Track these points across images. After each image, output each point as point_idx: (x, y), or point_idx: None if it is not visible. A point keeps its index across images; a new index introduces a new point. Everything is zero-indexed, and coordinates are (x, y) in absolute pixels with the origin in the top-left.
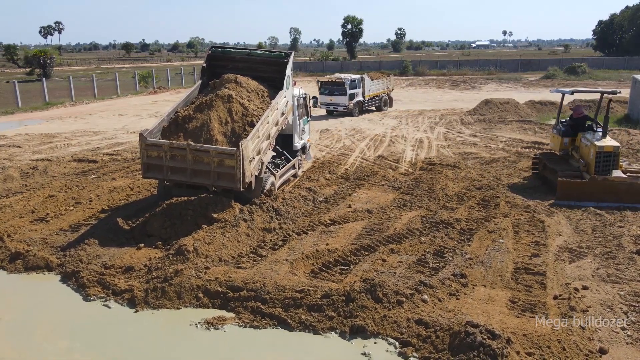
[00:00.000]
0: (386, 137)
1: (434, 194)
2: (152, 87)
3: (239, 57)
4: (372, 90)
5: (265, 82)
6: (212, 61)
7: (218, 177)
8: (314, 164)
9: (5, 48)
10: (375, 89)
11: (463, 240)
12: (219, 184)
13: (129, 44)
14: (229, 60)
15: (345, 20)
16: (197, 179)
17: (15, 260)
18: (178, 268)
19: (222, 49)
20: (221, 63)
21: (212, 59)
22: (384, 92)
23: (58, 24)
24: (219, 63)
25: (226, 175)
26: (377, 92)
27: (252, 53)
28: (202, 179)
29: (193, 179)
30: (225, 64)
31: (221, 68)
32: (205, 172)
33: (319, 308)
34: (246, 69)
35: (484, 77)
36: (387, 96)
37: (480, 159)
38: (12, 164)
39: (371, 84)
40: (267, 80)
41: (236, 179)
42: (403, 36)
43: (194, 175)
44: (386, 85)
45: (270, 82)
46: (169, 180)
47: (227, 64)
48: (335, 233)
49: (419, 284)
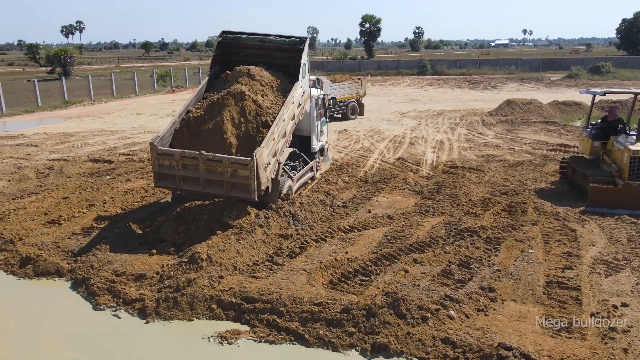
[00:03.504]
0: (406, 138)
1: (457, 199)
2: (170, 86)
3: (252, 44)
4: (333, 95)
5: (280, 70)
6: (224, 48)
7: (232, 187)
8: (332, 166)
9: (28, 47)
10: (339, 93)
11: (490, 249)
12: (232, 194)
13: (148, 43)
14: (241, 47)
15: (364, 19)
16: (211, 189)
17: (25, 265)
18: (191, 277)
19: (234, 35)
20: (233, 50)
21: (223, 45)
22: (352, 98)
23: (79, 24)
24: (230, 50)
25: (240, 186)
26: (342, 98)
27: (265, 39)
28: (215, 188)
29: (206, 189)
30: (237, 51)
31: (233, 55)
32: (219, 181)
33: (338, 323)
34: (259, 56)
35: (505, 77)
36: (357, 102)
37: (504, 162)
38: (29, 163)
39: (332, 87)
40: (282, 67)
41: (250, 189)
42: (421, 35)
43: (207, 184)
44: (355, 90)
45: (285, 69)
46: (181, 190)
47: (239, 51)
48: (354, 240)
49: (444, 298)
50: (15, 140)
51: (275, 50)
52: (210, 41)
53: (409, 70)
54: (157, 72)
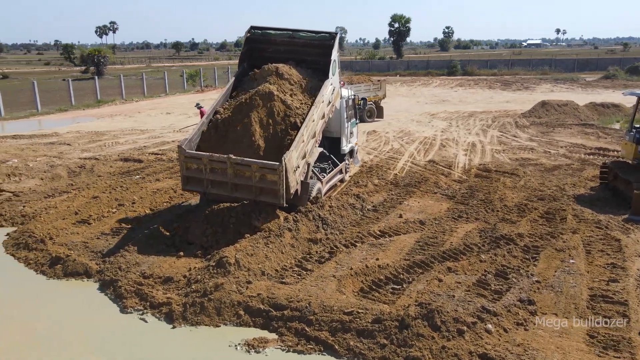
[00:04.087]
0: (436, 140)
1: (492, 205)
2: (199, 85)
3: (280, 40)
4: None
5: (309, 67)
6: (252, 44)
7: (260, 192)
8: (362, 169)
9: (64, 47)
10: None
11: (528, 259)
12: (260, 199)
13: (179, 43)
14: (270, 43)
15: (393, 18)
16: (239, 193)
17: (55, 265)
18: (218, 282)
19: (262, 31)
20: (261, 46)
21: (251, 41)
22: (369, 100)
23: (113, 24)
24: (259, 46)
25: (268, 190)
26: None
27: (294, 35)
28: (243, 193)
29: (234, 193)
30: (266, 47)
31: (261, 51)
32: (247, 186)
33: (369, 334)
34: (288, 52)
35: (538, 77)
36: (375, 105)
37: (540, 165)
38: (61, 162)
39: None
40: (311, 63)
41: (279, 195)
42: (451, 35)
43: (235, 189)
44: (373, 92)
45: (315, 65)
46: (209, 193)
47: (267, 47)
48: (385, 246)
49: (481, 310)
50: (49, 139)
51: (304, 46)
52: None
53: (439, 71)
54: (187, 71)
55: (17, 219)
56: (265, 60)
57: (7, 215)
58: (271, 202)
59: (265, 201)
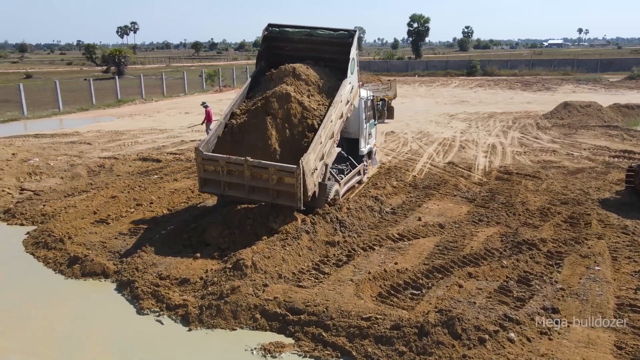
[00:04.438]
0: (455, 141)
1: (513, 208)
2: (218, 85)
3: (298, 38)
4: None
5: (327, 65)
6: (270, 42)
7: (277, 195)
8: (380, 170)
9: (86, 47)
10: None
11: (551, 265)
12: (278, 202)
13: (198, 43)
14: (288, 41)
15: (412, 18)
16: (256, 196)
17: (73, 265)
18: (235, 284)
19: (280, 29)
20: (279, 44)
21: (269, 39)
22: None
23: (133, 24)
24: (276, 44)
25: (286, 194)
26: None
27: (312, 32)
28: (260, 196)
29: (251, 196)
30: (284, 45)
31: (279, 49)
32: (264, 189)
33: (388, 340)
34: (306, 50)
35: (559, 78)
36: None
37: (563, 168)
38: (81, 161)
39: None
40: (330, 61)
41: (296, 198)
42: (470, 35)
43: (252, 191)
44: (382, 93)
45: (333, 63)
46: (226, 196)
47: (285, 45)
48: (404, 250)
49: (503, 318)
50: (69, 138)
51: (322, 44)
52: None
53: (458, 71)
54: (206, 71)
55: (37, 218)
56: (283, 59)
57: (28, 214)
58: (288, 205)
59: (282, 204)
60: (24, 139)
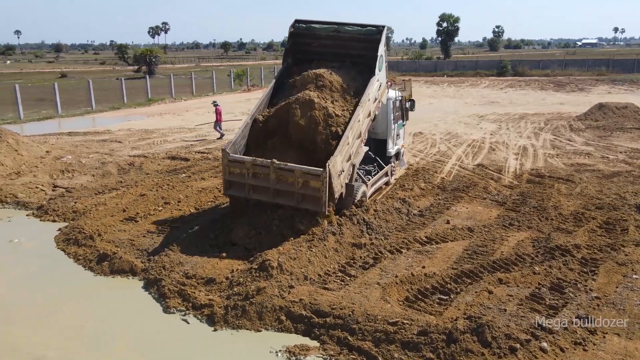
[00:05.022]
0: (485, 143)
1: (546, 213)
2: (246, 85)
3: (325, 34)
4: None
5: (354, 63)
6: (296, 38)
7: (302, 199)
8: (407, 171)
9: (118, 47)
10: None
11: (586, 272)
12: (302, 206)
13: (227, 43)
14: (314, 38)
15: (441, 18)
16: (280, 200)
17: (102, 262)
18: (260, 285)
19: (307, 25)
20: (306, 40)
21: (295, 36)
22: None
23: (165, 25)
24: (303, 40)
25: (311, 198)
26: None
27: (339, 29)
28: (285, 199)
29: (275, 199)
30: (310, 42)
31: (306, 46)
32: (289, 192)
33: (414, 346)
34: (333, 47)
35: (594, 79)
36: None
37: (598, 172)
38: (112, 159)
39: None
40: (357, 58)
41: (321, 202)
42: (501, 34)
43: (276, 195)
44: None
45: (361, 59)
46: (250, 199)
47: (312, 42)
48: (432, 254)
49: (535, 327)
50: (101, 136)
51: (350, 40)
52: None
53: (488, 71)
54: (235, 71)
55: (68, 215)
56: (310, 55)
57: (60, 211)
58: (313, 210)
59: (307, 208)
60: (57, 136)
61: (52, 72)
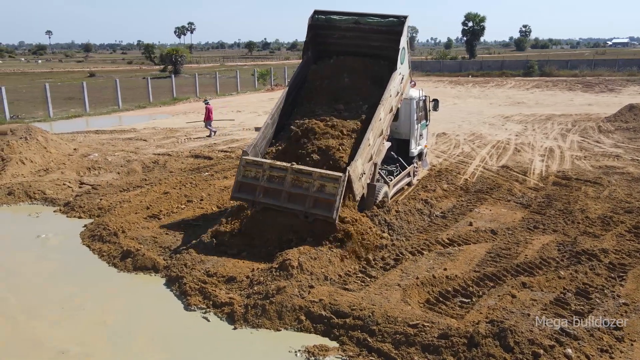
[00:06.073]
0: (510, 144)
1: (572, 216)
2: (269, 84)
3: (345, 26)
4: None
5: (376, 54)
6: (316, 30)
7: (314, 204)
8: (430, 172)
9: (145, 47)
10: None
11: (613, 278)
12: (312, 212)
13: (252, 43)
14: (334, 29)
15: (467, 17)
16: (291, 204)
17: (125, 259)
18: (280, 285)
19: (326, 16)
20: (325, 32)
21: (315, 28)
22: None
23: (190, 25)
24: (323, 32)
25: (323, 203)
26: None
27: (360, 20)
28: (296, 204)
29: (286, 204)
30: (330, 33)
31: (326, 38)
32: (302, 196)
33: (435, 350)
34: (354, 39)
35: (624, 79)
36: None
37: (627, 175)
38: (137, 157)
39: None
40: (378, 49)
41: (334, 207)
42: (528, 33)
43: (288, 199)
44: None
45: (383, 51)
46: (257, 203)
47: (332, 33)
48: (454, 256)
49: (560, 332)
50: (127, 134)
51: (371, 32)
52: None
53: (514, 71)
54: (258, 70)
55: (94, 212)
56: (330, 47)
57: (86, 208)
58: (323, 215)
59: (317, 213)
60: (85, 134)
61: (81, 72)
